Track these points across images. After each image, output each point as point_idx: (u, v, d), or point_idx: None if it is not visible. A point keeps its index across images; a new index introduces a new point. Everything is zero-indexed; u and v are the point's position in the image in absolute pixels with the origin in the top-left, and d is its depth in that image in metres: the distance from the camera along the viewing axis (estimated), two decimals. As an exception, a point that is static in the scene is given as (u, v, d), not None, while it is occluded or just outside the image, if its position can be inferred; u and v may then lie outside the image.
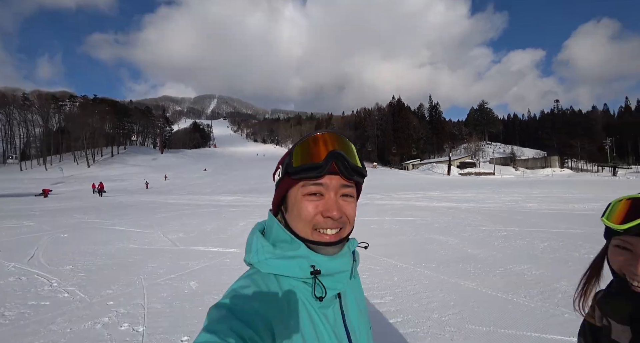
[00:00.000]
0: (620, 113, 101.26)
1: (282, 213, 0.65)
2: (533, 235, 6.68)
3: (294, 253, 0.60)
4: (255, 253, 0.62)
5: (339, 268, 0.62)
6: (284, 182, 0.63)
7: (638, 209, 0.70)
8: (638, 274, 0.69)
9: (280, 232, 0.63)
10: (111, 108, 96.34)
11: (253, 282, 0.58)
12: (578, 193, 16.88)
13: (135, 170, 65.57)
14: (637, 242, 0.69)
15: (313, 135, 0.63)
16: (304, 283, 0.61)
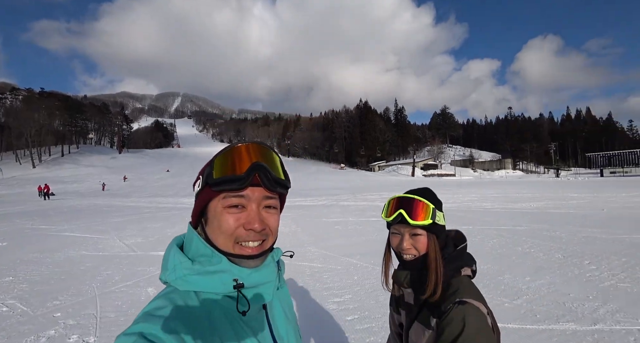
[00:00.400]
0: (563, 121, 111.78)
1: (203, 225, 0.63)
2: (484, 232, 7.22)
3: (215, 268, 0.58)
4: (172, 271, 0.59)
5: (263, 280, 0.62)
6: (204, 193, 0.60)
7: (398, 205, 0.99)
8: (404, 248, 0.98)
9: (200, 246, 0.60)
10: (62, 103, 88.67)
11: (170, 302, 0.55)
12: (526, 193, 18.42)
13: (89, 171, 60.93)
14: (401, 227, 1.00)
15: (236, 145, 0.61)
16: (228, 297, 0.60)
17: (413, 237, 0.98)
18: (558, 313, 3.15)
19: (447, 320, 0.86)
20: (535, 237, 6.58)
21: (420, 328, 0.95)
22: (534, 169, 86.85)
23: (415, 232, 0.98)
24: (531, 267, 4.63)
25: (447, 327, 0.85)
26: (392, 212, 1.00)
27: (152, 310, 0.54)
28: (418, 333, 0.95)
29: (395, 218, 0.98)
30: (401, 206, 0.98)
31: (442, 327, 0.87)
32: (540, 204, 12.39)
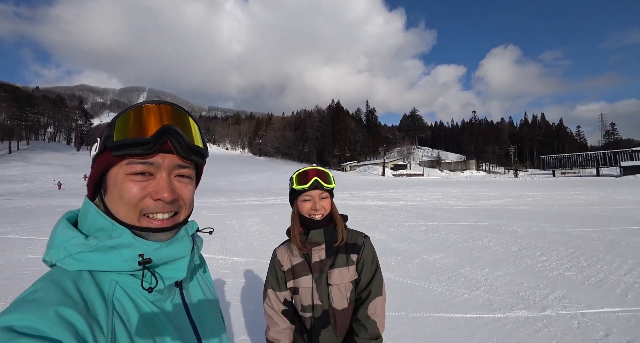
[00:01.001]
0: (521, 125, 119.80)
1: (102, 196, 0.54)
2: (448, 228, 7.51)
3: (114, 242, 0.49)
4: (59, 249, 0.49)
5: (175, 255, 0.54)
6: (102, 158, 0.52)
7: (312, 174, 1.21)
8: (317, 209, 1.20)
9: (98, 219, 0.51)
10: (8, 94, 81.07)
11: (54, 284, 0.45)
12: (488, 192, 19.48)
13: (42, 170, 56.24)
14: (313, 192, 1.21)
15: (143, 104, 0.53)
16: (132, 276, 0.51)
17: (322, 200, 1.21)
18: (512, 301, 3.32)
19: (366, 250, 1.26)
20: (495, 232, 6.95)
21: (343, 269, 1.22)
22: (496, 169, 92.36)
23: (323, 196, 1.22)
24: (489, 260, 4.87)
25: (368, 254, 1.26)
26: (306, 180, 1.20)
27: (29, 295, 0.43)
28: (342, 274, 1.22)
29: (312, 184, 1.19)
30: (315, 175, 1.21)
31: (364, 256, 1.25)
32: (500, 202, 13.14)
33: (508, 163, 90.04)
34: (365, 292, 1.23)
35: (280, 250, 1.32)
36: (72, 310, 0.42)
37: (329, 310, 1.21)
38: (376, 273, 1.26)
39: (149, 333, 0.49)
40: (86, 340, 0.41)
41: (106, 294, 0.48)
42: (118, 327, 0.46)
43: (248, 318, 3.12)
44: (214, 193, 21.79)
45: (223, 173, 52.00)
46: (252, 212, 11.47)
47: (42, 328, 0.38)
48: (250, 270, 4.61)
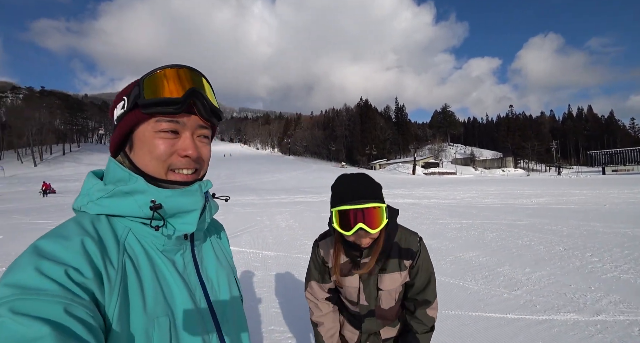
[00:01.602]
0: (564, 119, 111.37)
1: (126, 154, 0.57)
2: (484, 226, 7.13)
3: (129, 187, 0.52)
4: (83, 196, 0.54)
5: (186, 207, 0.55)
6: (130, 116, 0.54)
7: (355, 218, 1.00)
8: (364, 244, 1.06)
9: (118, 171, 0.55)
10: (62, 102, 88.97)
11: (77, 223, 0.50)
12: (527, 190, 18.30)
13: (90, 170, 61.02)
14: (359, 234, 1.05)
15: (168, 67, 0.55)
16: (144, 225, 0.54)
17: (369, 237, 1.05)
18: (559, 303, 3.07)
19: (422, 256, 1.18)
20: (536, 230, 6.49)
21: (395, 274, 1.15)
22: (536, 167, 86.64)
23: (372, 236, 1.05)
24: (531, 259, 4.54)
25: (423, 261, 1.19)
26: (350, 226, 0.99)
27: (56, 230, 0.48)
28: (394, 279, 1.15)
29: (355, 232, 0.99)
30: (359, 219, 0.98)
31: (419, 262, 1.18)
32: (542, 200, 12.28)
33: (549, 160, 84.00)
34: (422, 297, 1.20)
35: (323, 245, 1.24)
36: (89, 242, 0.47)
37: (375, 309, 1.21)
38: (431, 278, 1.21)
39: (156, 277, 0.52)
40: (99, 270, 0.45)
41: (119, 237, 0.52)
42: (128, 265, 0.50)
43: (277, 310, 3.14)
44: (245, 191, 22.40)
45: (254, 172, 53.38)
46: (282, 208, 11.63)
47: (63, 256, 0.43)
48: (279, 264, 4.66)
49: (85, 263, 0.44)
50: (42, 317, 0.35)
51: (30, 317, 0.35)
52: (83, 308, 0.40)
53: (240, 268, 4.49)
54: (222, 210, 11.28)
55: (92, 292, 0.43)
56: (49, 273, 0.40)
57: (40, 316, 0.35)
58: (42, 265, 0.40)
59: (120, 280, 0.47)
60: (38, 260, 0.41)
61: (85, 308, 0.40)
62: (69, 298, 0.39)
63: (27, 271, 0.39)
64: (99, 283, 0.44)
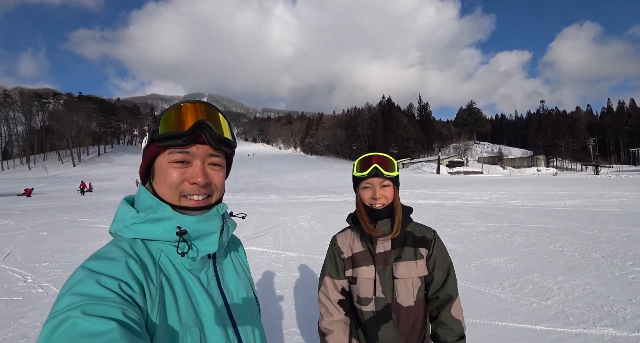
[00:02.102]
0: (603, 114, 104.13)
1: (150, 181, 0.65)
2: (512, 230, 6.84)
3: (158, 215, 0.59)
4: (119, 221, 0.62)
5: (207, 230, 0.63)
6: (150, 149, 0.62)
7: (371, 161, 1.14)
8: (377, 198, 1.13)
9: (147, 198, 0.62)
10: (97, 106, 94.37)
11: (118, 247, 0.57)
12: (561, 190, 17.32)
13: (122, 170, 64.37)
14: (373, 180, 1.14)
15: (181, 103, 0.63)
16: (173, 246, 0.61)
17: (383, 188, 1.14)
18: (594, 316, 2.90)
19: (437, 245, 1.21)
20: (570, 235, 6.14)
21: (410, 263, 1.16)
22: (570, 166, 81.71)
23: (385, 183, 1.15)
24: (564, 266, 4.31)
25: (439, 250, 1.20)
26: (366, 167, 1.14)
27: (102, 253, 0.56)
28: (410, 267, 1.16)
29: (371, 171, 1.13)
30: (374, 161, 1.14)
31: (435, 252, 1.19)
32: (577, 202, 11.59)
33: (586, 158, 78.81)
34: (443, 292, 1.17)
35: (340, 237, 1.27)
36: (133, 262, 0.55)
37: (392, 304, 1.15)
38: (450, 270, 1.20)
39: (187, 293, 0.60)
40: (142, 286, 0.53)
41: (155, 257, 0.60)
42: (164, 283, 0.57)
43: (299, 311, 3.18)
44: (268, 191, 22.77)
45: (276, 172, 54.11)
46: (305, 209, 11.73)
47: (115, 273, 0.51)
48: (302, 265, 4.71)
49: (132, 279, 0.52)
50: (108, 317, 0.44)
51: (98, 317, 0.43)
52: (135, 313, 0.48)
53: (263, 269, 4.59)
54: (247, 210, 11.55)
55: (139, 303, 0.51)
56: (108, 285, 0.48)
57: (106, 316, 0.44)
58: (101, 279, 0.49)
59: (159, 296, 0.55)
60: (97, 275, 0.49)
61: (137, 314, 0.48)
62: (126, 304, 0.47)
63: (91, 283, 0.48)
64: (144, 298, 0.52)
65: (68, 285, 0.49)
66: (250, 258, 5.21)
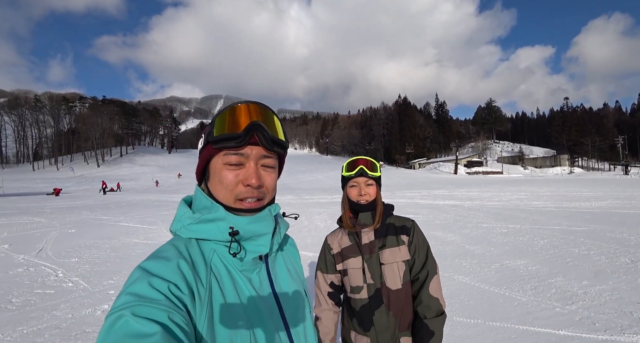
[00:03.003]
0: (633, 110, 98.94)
1: (205, 182, 0.66)
2: (534, 232, 6.64)
3: (212, 216, 0.61)
4: (177, 221, 0.64)
5: (259, 231, 0.63)
6: (205, 150, 0.64)
7: (358, 163, 1.32)
8: (363, 194, 1.31)
9: (202, 199, 0.64)
10: (120, 109, 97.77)
11: (174, 246, 0.60)
12: (587, 191, 16.61)
13: (143, 170, 66.48)
14: (359, 179, 1.31)
15: (236, 104, 0.63)
16: (226, 247, 0.62)
17: (367, 186, 1.31)
18: (623, 323, 2.78)
19: (417, 232, 1.35)
20: (596, 238, 5.90)
21: (394, 249, 1.30)
22: (597, 165, 78.07)
23: (369, 183, 1.32)
24: (590, 270, 4.15)
25: (417, 235, 1.35)
26: (353, 168, 1.31)
27: (158, 252, 0.59)
28: (394, 253, 1.29)
29: (357, 172, 1.30)
30: (360, 164, 1.31)
31: (415, 238, 1.34)
32: (604, 204, 11.08)
33: (615, 157, 75.03)
34: (423, 272, 1.30)
35: (330, 236, 1.44)
36: (184, 263, 0.56)
37: (382, 289, 1.27)
38: (428, 253, 1.34)
39: (237, 294, 0.60)
40: (192, 287, 0.54)
41: (207, 258, 0.61)
42: (214, 284, 0.59)
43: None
44: (284, 191, 22.97)
45: (292, 172, 54.46)
46: (320, 209, 11.77)
47: (166, 274, 0.53)
48: (317, 265, 4.75)
49: (182, 281, 0.54)
50: (154, 319, 0.46)
51: (145, 319, 0.45)
52: (181, 317, 0.49)
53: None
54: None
55: (187, 305, 0.52)
56: (158, 287, 0.50)
57: (153, 319, 0.46)
58: (153, 280, 0.51)
59: (208, 297, 0.56)
60: (149, 276, 0.52)
61: (183, 317, 0.50)
62: (172, 307, 0.49)
63: (143, 284, 0.50)
64: (192, 299, 0.54)
65: (127, 283, 0.52)
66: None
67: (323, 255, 1.41)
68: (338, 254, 1.36)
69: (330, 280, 1.37)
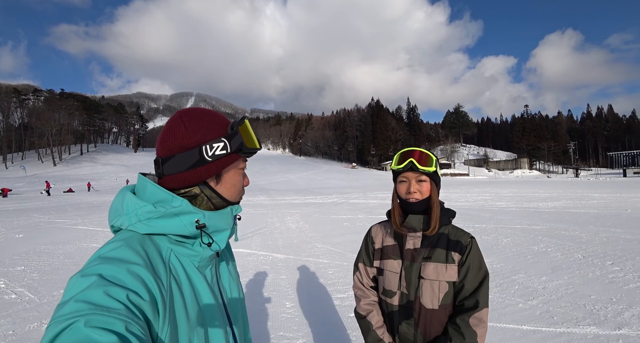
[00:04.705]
0: (583, 119, 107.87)
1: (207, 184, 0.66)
2: (498, 231, 6.96)
3: (177, 209, 0.59)
4: (131, 215, 0.59)
5: (221, 226, 0.65)
6: (230, 157, 0.66)
7: (408, 155, 1.15)
8: (412, 192, 1.14)
9: (157, 192, 0.61)
10: (80, 104, 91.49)
11: (128, 245, 0.55)
12: (543, 192, 17.82)
13: (106, 169, 62.67)
14: (409, 174, 1.15)
15: (245, 118, 0.71)
16: (182, 245, 0.62)
17: (419, 183, 1.14)
18: (578, 315, 2.95)
19: (473, 252, 1.14)
20: (553, 236, 6.29)
21: (440, 265, 1.12)
22: (552, 168, 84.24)
23: (421, 178, 1.14)
24: (548, 266, 4.40)
25: (475, 257, 1.13)
26: (402, 161, 1.15)
27: (108, 253, 0.53)
28: (439, 270, 1.12)
29: (406, 165, 1.13)
30: (410, 156, 1.14)
31: (470, 259, 1.13)
32: (558, 204, 11.92)
33: (567, 161, 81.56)
34: (471, 301, 1.09)
35: (376, 227, 1.31)
36: (143, 268, 0.53)
37: (415, 303, 1.12)
38: (484, 281, 1.12)
39: (194, 293, 0.61)
40: (153, 293, 0.52)
41: (164, 257, 0.59)
42: (174, 285, 0.57)
43: (286, 315, 3.12)
44: (256, 192, 22.56)
45: (265, 173, 53.73)
46: (293, 210, 11.65)
47: (125, 280, 0.49)
48: (289, 267, 4.65)
49: (142, 287, 0.50)
50: (110, 329, 0.43)
51: (100, 329, 0.42)
52: (138, 327, 0.47)
53: (251, 271, 4.51)
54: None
55: (146, 313, 0.49)
56: (116, 295, 0.47)
57: (109, 328, 0.43)
58: (110, 288, 0.47)
59: (169, 300, 0.54)
60: (105, 283, 0.47)
61: (140, 327, 0.47)
62: (130, 317, 0.46)
63: (98, 292, 0.46)
64: (153, 306, 0.51)
65: (76, 288, 0.47)
66: (237, 260, 5.08)
67: (365, 246, 1.29)
68: (379, 250, 1.24)
69: (372, 274, 1.26)
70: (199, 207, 0.65)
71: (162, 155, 0.63)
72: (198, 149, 0.62)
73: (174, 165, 0.62)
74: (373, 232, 1.29)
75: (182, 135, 0.62)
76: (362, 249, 1.31)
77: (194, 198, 0.65)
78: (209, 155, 0.63)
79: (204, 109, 0.68)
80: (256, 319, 3.04)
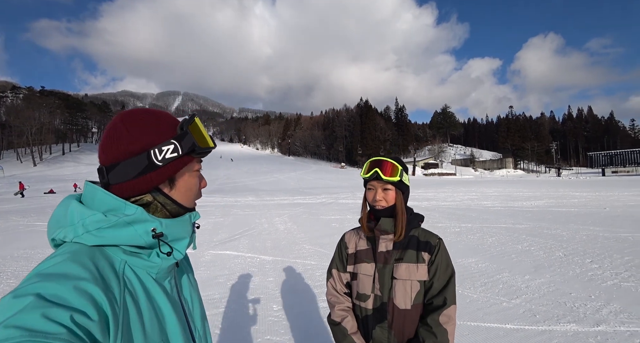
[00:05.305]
0: (564, 120, 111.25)
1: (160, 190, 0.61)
2: (484, 230, 7.10)
3: (131, 218, 0.54)
4: (77, 225, 0.53)
5: (180, 235, 0.62)
6: (184, 159, 0.62)
7: (374, 165, 1.20)
8: (377, 200, 1.20)
9: (108, 199, 0.55)
10: (62, 102, 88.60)
11: (72, 258, 0.49)
12: (527, 191, 18.28)
13: (90, 170, 60.91)
14: (376, 183, 1.21)
15: (195, 116, 0.66)
16: (137, 257, 0.57)
17: (384, 191, 1.20)
18: (558, 313, 3.03)
19: (441, 252, 1.20)
20: (536, 235, 6.46)
21: (411, 265, 1.17)
22: (535, 168, 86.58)
23: (386, 187, 1.20)
24: (531, 265, 4.51)
25: (442, 257, 1.19)
26: (369, 170, 1.20)
27: (49, 268, 0.47)
28: (410, 270, 1.17)
29: (372, 175, 1.18)
30: (376, 166, 1.19)
31: (438, 258, 1.18)
32: (541, 203, 12.25)
33: (549, 161, 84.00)
34: (439, 299, 1.14)
35: (349, 233, 1.34)
36: (92, 284, 0.47)
37: (388, 305, 1.16)
38: (451, 279, 1.18)
39: (152, 306, 0.56)
40: (104, 311, 0.47)
41: (118, 270, 0.54)
42: (129, 301, 0.52)
43: (273, 319, 3.10)
44: (245, 192, 22.36)
45: (253, 172, 53.32)
46: (281, 210, 11.59)
47: (69, 299, 0.43)
48: (277, 269, 4.62)
49: (90, 305, 0.45)
50: None
51: None
52: None
53: (238, 273, 4.45)
54: (222, 213, 11.25)
55: (94, 334, 0.44)
56: (57, 317, 0.40)
57: None
58: (48, 309, 0.40)
59: (123, 317, 0.49)
60: (45, 304, 0.41)
61: None
62: (74, 340, 0.40)
63: (35, 315, 0.39)
64: (104, 325, 0.46)
65: (6, 312, 0.40)
66: (224, 263, 5.02)
67: (339, 252, 1.32)
68: (352, 255, 1.27)
69: (346, 280, 1.28)
70: (154, 215, 0.60)
71: (106, 164, 0.58)
72: (146, 154, 0.57)
73: (120, 174, 0.57)
74: (346, 237, 1.34)
75: (127, 140, 0.57)
76: (336, 255, 1.34)
77: (146, 207, 0.60)
78: (158, 160, 0.58)
79: (147, 108, 0.63)
80: (243, 323, 3.00)
